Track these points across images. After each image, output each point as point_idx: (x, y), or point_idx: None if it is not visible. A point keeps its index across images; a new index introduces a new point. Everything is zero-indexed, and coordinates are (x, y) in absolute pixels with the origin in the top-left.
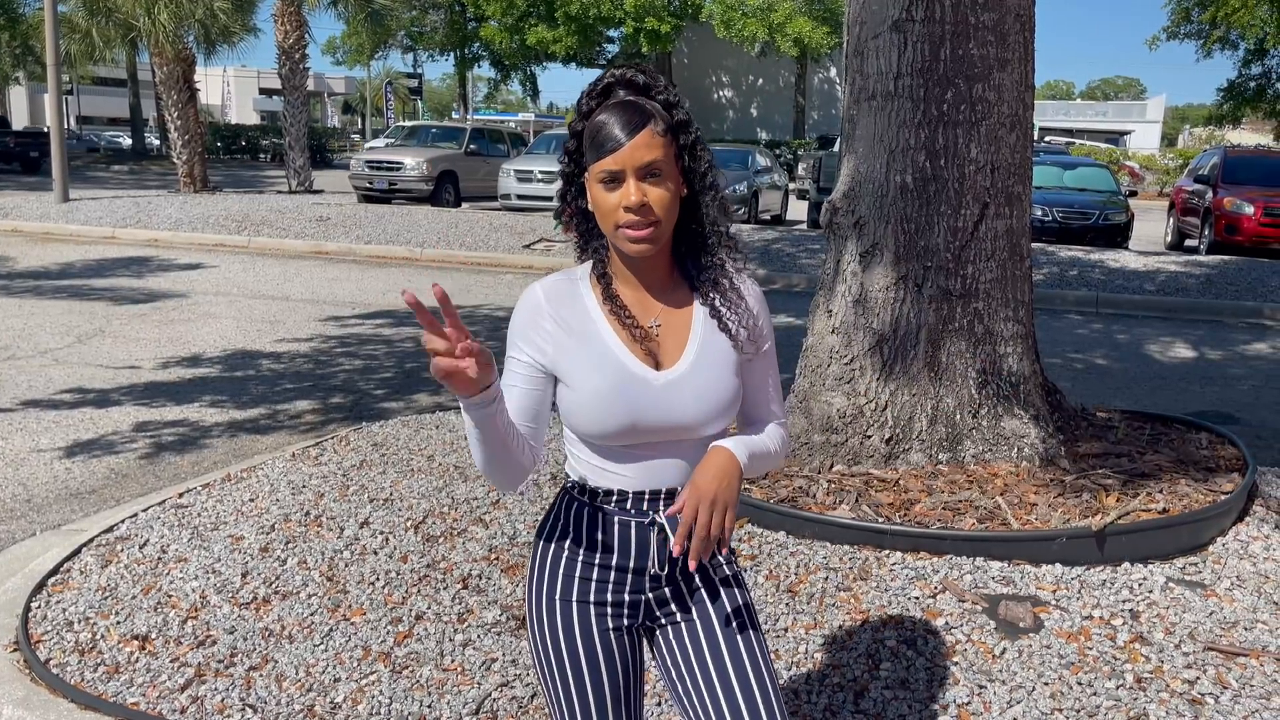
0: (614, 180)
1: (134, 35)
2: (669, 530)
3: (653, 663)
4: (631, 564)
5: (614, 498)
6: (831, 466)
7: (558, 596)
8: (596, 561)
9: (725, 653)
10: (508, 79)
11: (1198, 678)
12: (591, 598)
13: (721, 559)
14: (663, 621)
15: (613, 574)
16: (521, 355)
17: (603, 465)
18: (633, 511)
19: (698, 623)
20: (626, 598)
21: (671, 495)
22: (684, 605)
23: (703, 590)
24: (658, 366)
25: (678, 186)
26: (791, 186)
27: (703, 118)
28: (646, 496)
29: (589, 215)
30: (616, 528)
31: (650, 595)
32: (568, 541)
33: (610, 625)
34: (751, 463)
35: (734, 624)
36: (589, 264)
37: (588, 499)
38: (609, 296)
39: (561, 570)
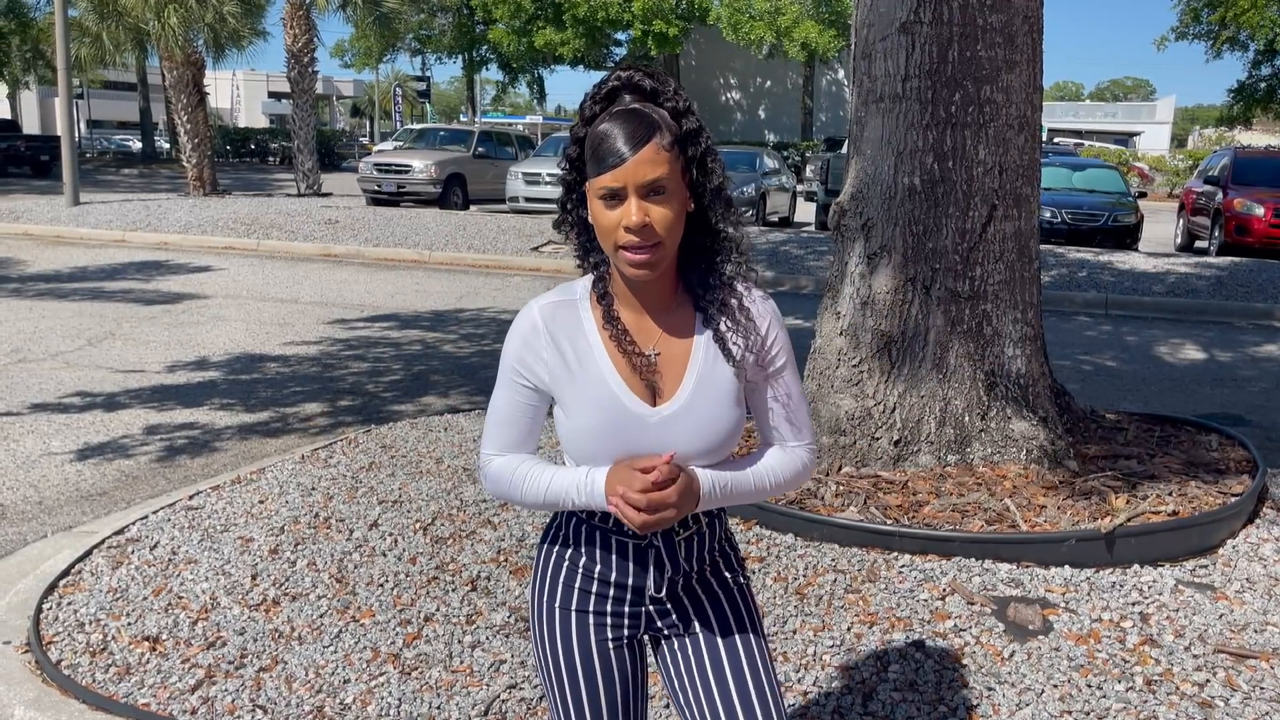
0: (614, 197)
1: (144, 39)
2: (664, 554)
3: (656, 671)
4: (630, 581)
5: (610, 518)
6: (840, 468)
7: (558, 605)
8: (596, 575)
9: (727, 667)
10: (515, 81)
11: (1208, 680)
12: (591, 608)
13: (727, 573)
14: (665, 632)
15: (611, 589)
16: (520, 380)
17: None
18: (629, 533)
19: (700, 636)
20: (626, 609)
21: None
22: (686, 617)
23: (706, 602)
24: (655, 400)
25: (683, 204)
26: (799, 188)
27: (710, 120)
28: None
29: (590, 226)
30: (614, 546)
31: (651, 608)
32: (569, 552)
33: (610, 636)
34: (713, 484)
35: (737, 637)
36: (589, 280)
37: (585, 516)
38: (609, 320)
39: (562, 580)
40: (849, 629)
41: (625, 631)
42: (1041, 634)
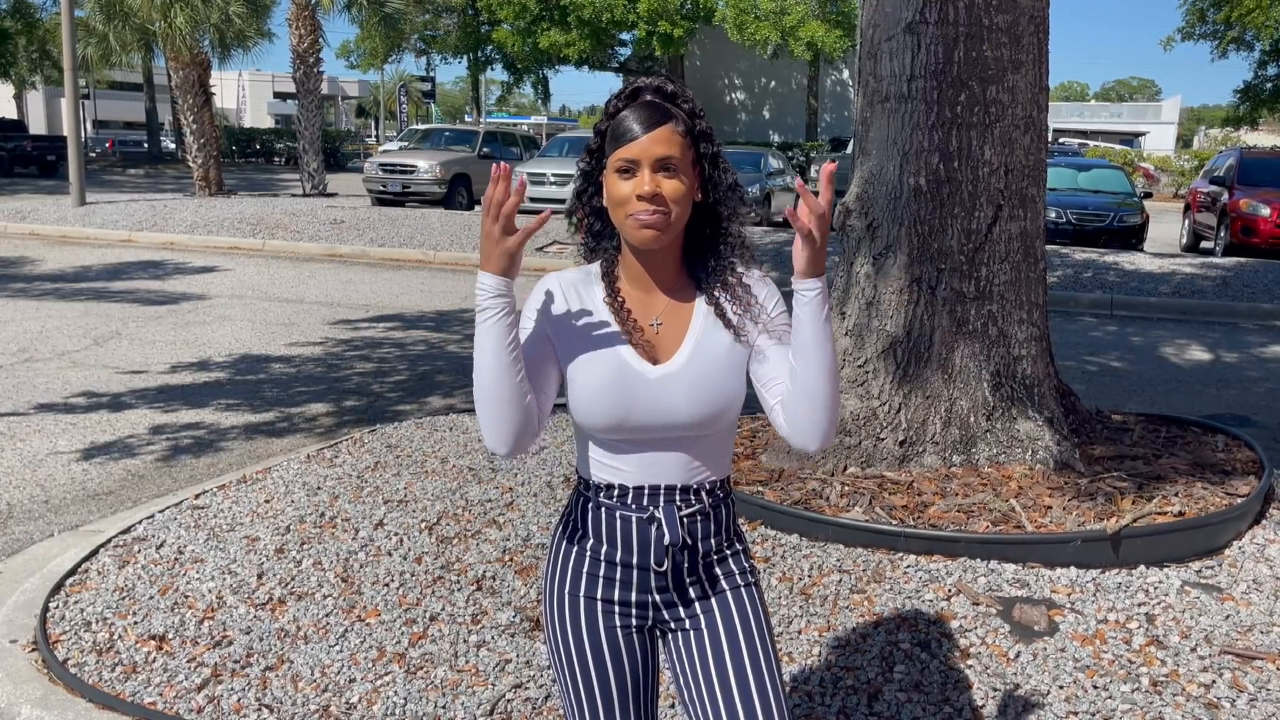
0: (630, 171)
1: (150, 39)
2: (664, 525)
3: (666, 666)
4: (635, 560)
5: (615, 492)
6: (845, 469)
7: (568, 591)
8: (603, 557)
9: (730, 665)
10: (520, 82)
11: (1214, 681)
12: (599, 594)
13: (735, 569)
14: (672, 626)
15: (619, 570)
16: (529, 323)
17: (604, 459)
18: (633, 507)
19: (706, 633)
20: (634, 596)
21: (671, 491)
22: (694, 613)
23: (713, 599)
24: (656, 362)
25: (692, 184)
26: None
27: (715, 120)
28: (646, 492)
29: (603, 214)
30: (619, 523)
31: (658, 597)
32: (578, 537)
33: (618, 623)
34: (822, 307)
35: (741, 636)
36: (599, 264)
37: (592, 494)
38: (615, 292)
39: (572, 566)
40: (854, 629)
41: (634, 620)
42: (1047, 635)
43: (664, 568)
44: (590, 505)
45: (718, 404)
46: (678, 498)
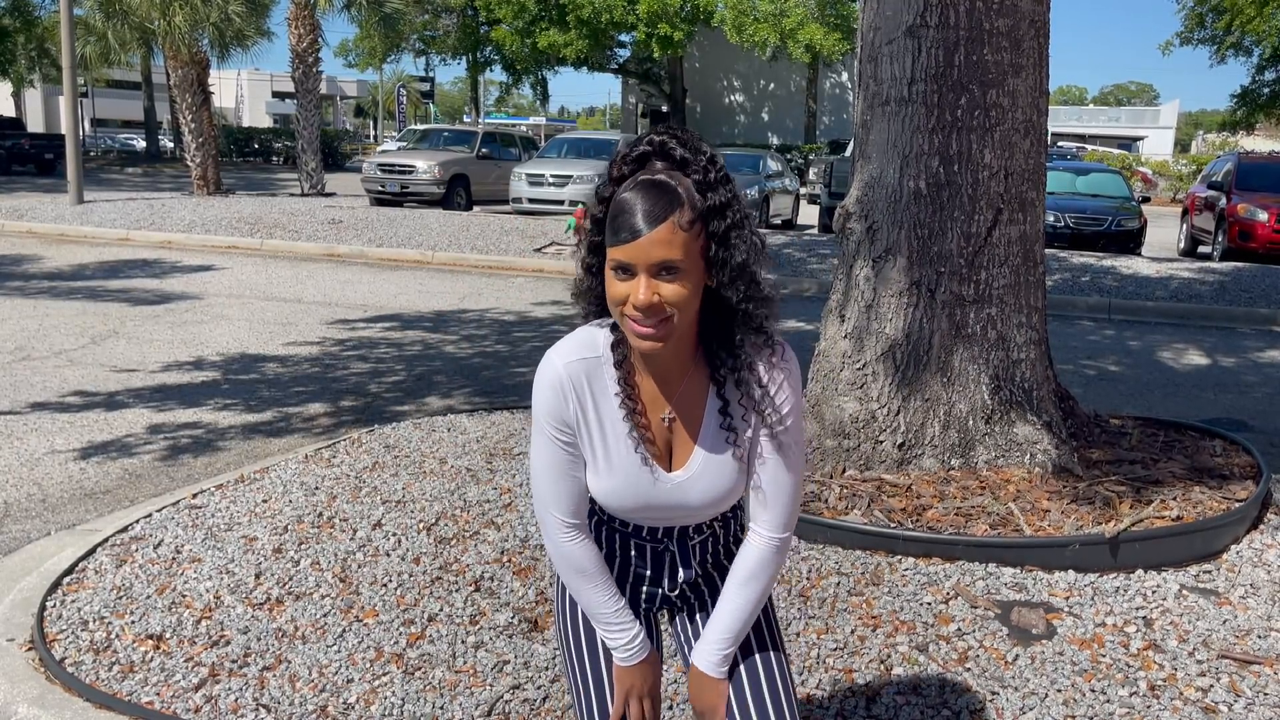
0: (625, 271)
1: (149, 38)
2: (679, 560)
3: (672, 642)
4: (648, 573)
5: (629, 527)
6: (844, 471)
7: None
8: (616, 566)
9: (739, 658)
10: (519, 83)
11: (1211, 686)
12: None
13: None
14: (679, 606)
15: (630, 579)
16: (559, 434)
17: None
18: (647, 538)
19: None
20: (644, 591)
21: (685, 530)
22: (700, 595)
23: (719, 582)
24: (670, 463)
25: (699, 279)
26: (802, 191)
27: (714, 122)
28: (660, 531)
29: None
30: (632, 548)
31: (666, 591)
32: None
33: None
34: (727, 657)
35: (750, 631)
36: (607, 335)
37: (605, 518)
38: (629, 386)
39: None
40: (852, 632)
41: (641, 606)
42: (1045, 638)
43: (675, 593)
44: (604, 528)
45: (729, 491)
46: (690, 531)
